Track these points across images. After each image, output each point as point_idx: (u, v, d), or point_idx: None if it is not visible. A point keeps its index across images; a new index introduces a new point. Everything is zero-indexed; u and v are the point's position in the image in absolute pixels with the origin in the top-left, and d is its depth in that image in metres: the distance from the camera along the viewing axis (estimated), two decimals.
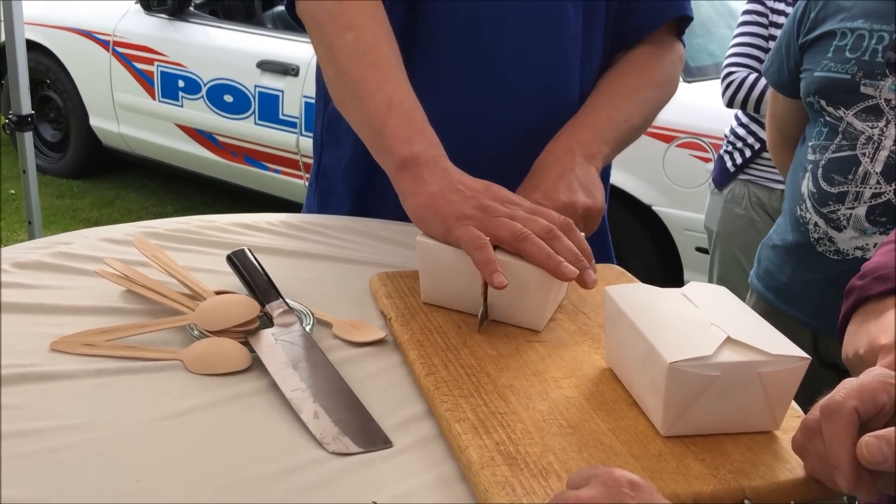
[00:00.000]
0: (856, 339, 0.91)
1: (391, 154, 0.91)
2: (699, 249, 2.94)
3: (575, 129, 1.06)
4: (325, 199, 1.21)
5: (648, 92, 1.14)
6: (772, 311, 1.63)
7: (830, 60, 1.51)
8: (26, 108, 2.62)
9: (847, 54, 1.49)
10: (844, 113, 1.49)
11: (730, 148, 2.34)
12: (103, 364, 0.75)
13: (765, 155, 2.26)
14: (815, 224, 1.54)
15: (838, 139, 1.50)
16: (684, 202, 3.03)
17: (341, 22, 0.96)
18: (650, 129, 2.86)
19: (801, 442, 0.63)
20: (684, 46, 1.21)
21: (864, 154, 1.46)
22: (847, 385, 0.60)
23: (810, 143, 1.57)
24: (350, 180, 1.17)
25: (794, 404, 0.72)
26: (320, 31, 1.00)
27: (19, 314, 0.81)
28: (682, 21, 1.18)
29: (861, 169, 1.46)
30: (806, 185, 1.56)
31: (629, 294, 0.76)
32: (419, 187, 0.88)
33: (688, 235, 3.04)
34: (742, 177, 2.31)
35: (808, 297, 1.59)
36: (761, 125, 2.26)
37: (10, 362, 0.73)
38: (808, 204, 1.55)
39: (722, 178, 2.37)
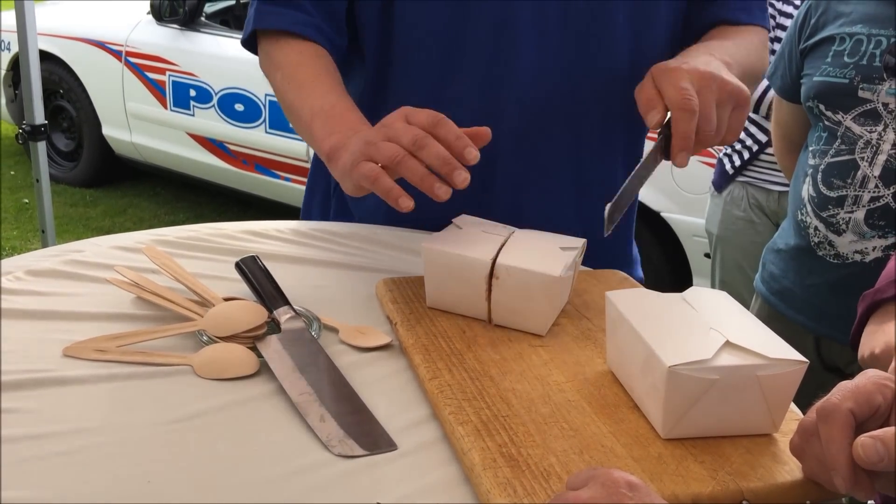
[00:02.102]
0: (872, 339, 0.92)
1: (321, 152, 0.96)
2: (707, 255, 2.94)
3: (704, 45, 1.05)
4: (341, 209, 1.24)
5: (748, 50, 1.10)
6: (775, 315, 1.64)
7: (829, 65, 1.52)
8: (40, 117, 2.65)
9: (846, 59, 1.50)
10: (843, 117, 1.50)
11: (729, 150, 2.35)
12: (115, 369, 0.76)
13: (763, 157, 2.26)
14: (816, 228, 1.54)
15: (837, 143, 1.51)
16: (692, 208, 3.03)
17: (272, 66, 1.08)
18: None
19: (798, 444, 0.64)
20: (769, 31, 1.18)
21: (862, 158, 1.47)
22: (843, 387, 0.61)
23: (811, 148, 1.58)
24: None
25: (793, 407, 0.73)
26: (266, 76, 1.10)
27: (33, 321, 0.83)
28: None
29: (860, 173, 1.47)
30: (806, 190, 1.56)
31: (630, 299, 0.77)
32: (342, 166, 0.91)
33: (696, 241, 3.03)
34: (740, 179, 2.31)
35: (810, 301, 1.59)
36: (760, 127, 2.26)
37: (25, 367, 0.75)
38: (809, 208, 1.56)
39: (721, 180, 2.37)
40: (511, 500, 0.60)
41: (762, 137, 2.25)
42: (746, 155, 2.28)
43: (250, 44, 1.12)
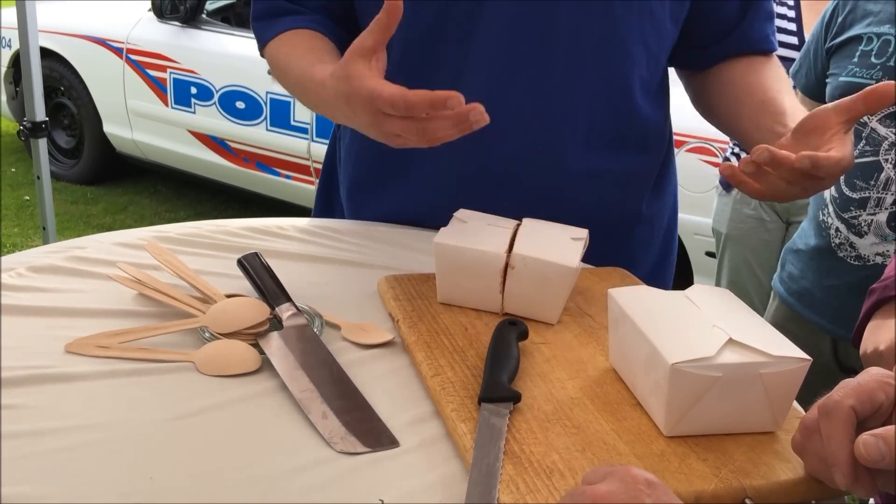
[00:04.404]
0: (876, 335, 0.92)
1: (323, 83, 0.92)
2: (709, 254, 2.94)
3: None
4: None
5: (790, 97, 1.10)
6: (793, 316, 1.63)
7: (856, 65, 1.50)
8: (41, 114, 2.65)
9: (872, 59, 1.48)
10: (868, 119, 1.48)
11: (737, 150, 2.35)
12: (117, 365, 0.76)
13: None
14: (837, 229, 1.53)
15: (861, 145, 1.49)
16: (694, 207, 3.03)
17: (275, 59, 1.10)
18: None
19: (800, 441, 0.64)
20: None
21: (886, 160, 1.46)
22: (845, 385, 0.61)
23: None
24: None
25: (796, 405, 0.73)
26: (278, 75, 1.11)
27: (35, 317, 0.83)
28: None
29: (883, 175, 1.46)
30: (828, 190, 1.55)
31: (632, 296, 0.77)
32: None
33: (698, 240, 3.03)
34: None
35: (829, 302, 1.58)
36: None
37: (27, 364, 0.75)
38: (830, 209, 1.55)
39: None
40: (514, 497, 0.60)
41: None
42: None
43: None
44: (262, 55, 1.16)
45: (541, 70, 1.06)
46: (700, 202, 2.97)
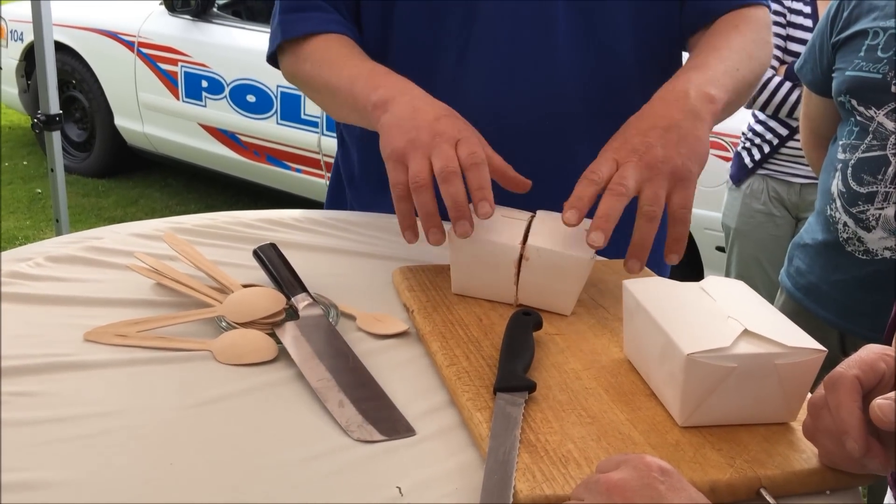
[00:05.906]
0: None
1: (367, 106, 0.96)
2: (719, 249, 2.93)
3: (688, 74, 0.98)
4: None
5: (752, 46, 1.07)
6: (800, 311, 1.63)
7: (862, 60, 1.50)
8: (54, 107, 2.66)
9: (879, 53, 1.48)
10: (875, 113, 1.48)
11: (748, 144, 2.34)
12: (135, 354, 0.77)
13: (783, 150, 2.25)
14: (845, 224, 1.53)
15: (868, 139, 1.49)
16: (704, 201, 3.02)
17: (299, 61, 1.11)
18: None
19: (809, 424, 0.65)
20: (769, 10, 1.16)
21: (893, 154, 1.45)
22: (846, 360, 0.63)
23: (841, 143, 1.56)
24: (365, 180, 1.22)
25: (810, 396, 0.73)
26: (294, 78, 1.15)
27: (54, 306, 0.84)
28: None
29: (891, 169, 1.45)
30: (836, 185, 1.55)
31: (647, 287, 0.77)
32: (391, 120, 0.92)
33: (708, 234, 3.03)
34: (761, 172, 2.31)
35: (836, 296, 1.58)
36: (780, 121, 2.26)
37: (46, 352, 0.76)
38: (838, 203, 1.54)
39: (740, 174, 2.37)
40: (530, 485, 0.61)
41: (783, 131, 2.25)
42: (767, 149, 2.28)
43: (274, 59, 1.17)
44: (272, 57, 1.17)
45: (542, 50, 1.07)
46: (710, 197, 2.96)
